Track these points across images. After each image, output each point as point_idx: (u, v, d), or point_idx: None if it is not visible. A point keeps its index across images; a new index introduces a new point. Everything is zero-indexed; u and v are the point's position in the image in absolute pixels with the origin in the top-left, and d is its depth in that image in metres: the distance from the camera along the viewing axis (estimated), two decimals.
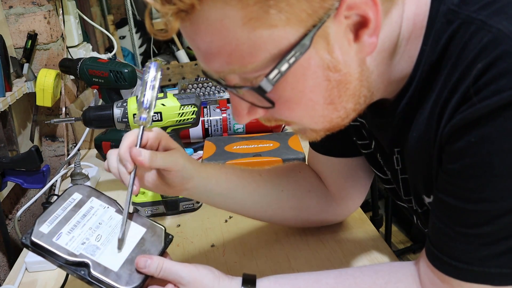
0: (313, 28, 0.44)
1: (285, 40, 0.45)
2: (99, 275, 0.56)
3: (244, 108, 0.53)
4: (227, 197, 0.73)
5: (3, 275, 1.00)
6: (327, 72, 0.48)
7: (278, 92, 0.49)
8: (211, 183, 0.70)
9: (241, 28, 0.43)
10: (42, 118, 1.30)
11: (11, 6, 1.19)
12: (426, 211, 0.61)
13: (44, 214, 0.62)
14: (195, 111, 0.91)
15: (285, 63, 0.46)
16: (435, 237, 0.54)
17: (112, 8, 2.39)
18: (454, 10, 0.48)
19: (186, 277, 0.58)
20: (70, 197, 0.65)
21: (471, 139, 0.46)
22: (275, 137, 1.15)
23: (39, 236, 0.59)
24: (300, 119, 0.53)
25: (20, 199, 1.18)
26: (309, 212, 0.80)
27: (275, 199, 0.77)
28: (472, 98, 0.45)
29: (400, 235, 2.28)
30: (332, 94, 0.50)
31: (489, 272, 0.49)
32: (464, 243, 0.50)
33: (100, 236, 0.61)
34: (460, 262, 0.50)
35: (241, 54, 0.45)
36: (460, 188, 0.49)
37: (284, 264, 0.79)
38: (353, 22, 0.46)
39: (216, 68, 0.48)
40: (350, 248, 0.81)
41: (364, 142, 0.71)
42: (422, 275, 0.57)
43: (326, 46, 0.46)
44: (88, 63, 1.16)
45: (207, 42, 0.46)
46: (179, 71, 2.24)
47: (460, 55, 0.47)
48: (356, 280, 0.60)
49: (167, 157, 0.62)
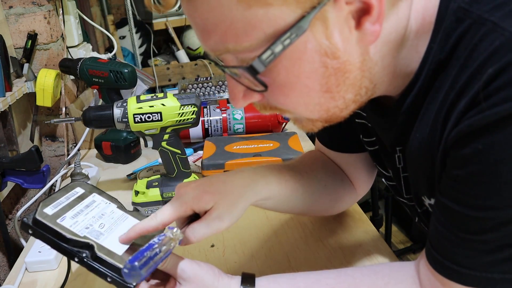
0: (312, 10, 0.43)
1: (281, 21, 0.43)
2: (103, 256, 0.55)
3: (239, 91, 0.52)
4: (282, 202, 0.71)
5: (3, 275, 1.00)
6: (324, 58, 0.46)
7: (273, 75, 0.48)
8: (272, 196, 0.67)
9: (236, 5, 0.43)
10: (42, 118, 1.30)
11: (11, 6, 1.19)
12: (425, 211, 0.61)
13: (48, 199, 0.61)
14: (195, 111, 0.91)
15: (279, 44, 0.44)
16: (436, 241, 0.53)
17: (112, 8, 2.39)
18: (465, 8, 0.47)
19: (188, 272, 0.58)
20: (73, 190, 0.65)
21: (478, 146, 0.44)
22: (275, 137, 1.15)
23: (43, 216, 0.57)
24: (294, 107, 0.52)
25: (20, 199, 1.18)
26: (342, 200, 0.81)
27: (320, 195, 0.77)
28: (481, 104, 0.44)
29: (400, 235, 2.28)
30: (329, 81, 0.48)
31: (492, 277, 0.48)
32: (466, 249, 0.49)
33: (103, 225, 0.61)
34: (462, 267, 0.49)
35: (235, 32, 0.45)
36: (465, 194, 0.47)
37: (284, 264, 0.79)
38: (356, 8, 0.44)
39: (212, 46, 0.48)
40: (350, 248, 0.81)
41: (370, 139, 0.70)
42: (422, 276, 0.57)
43: (324, 30, 0.45)
44: (88, 63, 1.16)
45: (203, 19, 0.45)
46: (179, 71, 2.24)
47: (469, 56, 0.46)
48: (356, 280, 0.60)
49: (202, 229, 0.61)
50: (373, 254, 0.80)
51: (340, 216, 0.90)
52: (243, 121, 1.27)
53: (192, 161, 1.20)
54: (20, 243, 1.01)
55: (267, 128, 1.27)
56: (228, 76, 0.52)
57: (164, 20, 2.31)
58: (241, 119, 1.27)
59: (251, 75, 0.47)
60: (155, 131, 0.92)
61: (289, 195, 0.71)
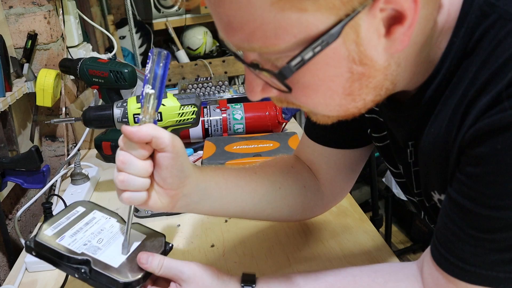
0: (345, 17, 0.41)
1: (314, 27, 0.42)
2: (99, 270, 0.57)
3: (258, 84, 0.50)
4: (227, 200, 0.68)
5: (3, 275, 1.00)
6: (351, 64, 0.45)
7: (297, 77, 0.46)
8: (210, 186, 0.65)
9: (269, 7, 0.41)
10: (42, 118, 1.30)
11: (11, 6, 1.19)
12: (433, 205, 0.60)
13: (49, 221, 0.64)
14: (195, 111, 0.91)
15: (309, 51, 0.43)
16: (443, 237, 0.52)
17: (112, 8, 2.39)
18: (492, 2, 0.45)
19: (187, 272, 0.58)
20: (74, 209, 0.68)
21: (497, 146, 0.43)
22: (275, 137, 1.15)
23: (43, 237, 0.61)
24: (315, 106, 0.51)
25: (20, 199, 1.17)
26: (303, 207, 0.78)
27: (273, 197, 0.73)
28: (503, 103, 0.43)
29: (400, 235, 2.28)
30: (352, 85, 0.47)
31: (497, 276, 0.48)
32: (474, 246, 0.48)
33: (101, 240, 0.63)
34: (468, 264, 0.49)
35: (264, 33, 0.43)
36: (478, 192, 0.47)
37: (284, 264, 0.79)
38: (388, 15, 0.43)
39: (235, 42, 0.46)
40: (350, 248, 0.81)
41: (380, 135, 0.68)
42: (425, 274, 0.56)
43: (355, 38, 0.43)
44: (88, 63, 1.16)
45: (229, 16, 0.43)
46: (179, 71, 2.24)
47: (492, 53, 0.44)
48: (356, 278, 0.60)
49: (170, 136, 0.57)
50: (373, 254, 0.80)
51: (340, 216, 0.91)
52: (243, 121, 1.27)
53: (192, 161, 1.20)
54: (20, 243, 1.00)
55: (267, 128, 1.27)
56: (247, 69, 0.50)
57: (164, 20, 2.31)
58: (241, 119, 1.27)
59: (278, 80, 0.46)
60: None
61: (231, 190, 0.68)
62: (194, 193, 0.62)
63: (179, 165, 0.58)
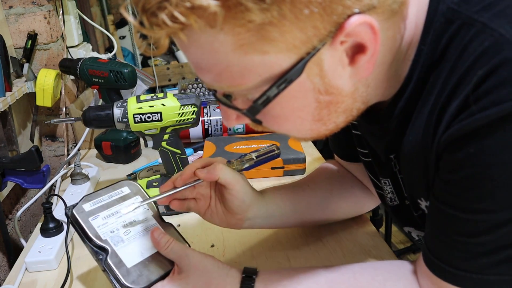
0: (307, 55, 0.43)
1: (277, 66, 0.44)
2: (112, 265, 0.60)
3: (232, 114, 0.53)
4: (287, 216, 0.75)
5: (3, 275, 1.00)
6: (317, 95, 0.47)
7: (266, 110, 0.48)
8: (271, 208, 0.73)
9: (232, 52, 0.42)
10: (42, 118, 1.30)
11: (11, 6, 1.19)
12: (421, 215, 0.60)
13: (92, 194, 0.66)
14: (195, 111, 0.91)
15: (274, 89, 0.45)
16: (432, 244, 0.53)
17: (112, 8, 2.39)
18: (455, 9, 0.47)
19: (191, 256, 0.61)
20: (120, 188, 0.69)
21: (470, 150, 0.44)
22: (275, 137, 1.15)
23: (79, 211, 0.64)
24: (287, 132, 0.54)
25: (20, 199, 1.18)
26: (356, 204, 0.83)
27: (327, 203, 0.79)
28: (471, 107, 0.43)
29: (400, 235, 2.28)
30: (321, 113, 0.49)
31: (488, 279, 0.48)
32: (462, 251, 0.49)
33: (129, 231, 0.64)
34: (458, 269, 0.50)
35: (231, 74, 0.45)
36: (458, 197, 0.48)
37: (284, 264, 0.79)
38: (350, 45, 0.44)
39: (205, 81, 0.48)
40: (350, 248, 0.81)
41: (364, 151, 0.70)
42: (420, 277, 0.57)
43: (319, 72, 0.45)
44: (88, 63, 1.16)
45: (198, 59, 0.46)
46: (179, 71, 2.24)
47: (459, 58, 0.45)
48: (356, 275, 0.60)
49: (230, 172, 0.66)
50: (373, 254, 0.80)
51: None
52: None
53: (192, 161, 1.20)
54: (20, 243, 1.00)
55: None
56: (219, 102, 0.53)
57: None
58: None
59: (247, 116, 0.49)
60: (155, 131, 0.92)
61: (290, 208, 0.75)
62: (257, 216, 0.72)
63: (241, 198, 0.68)
